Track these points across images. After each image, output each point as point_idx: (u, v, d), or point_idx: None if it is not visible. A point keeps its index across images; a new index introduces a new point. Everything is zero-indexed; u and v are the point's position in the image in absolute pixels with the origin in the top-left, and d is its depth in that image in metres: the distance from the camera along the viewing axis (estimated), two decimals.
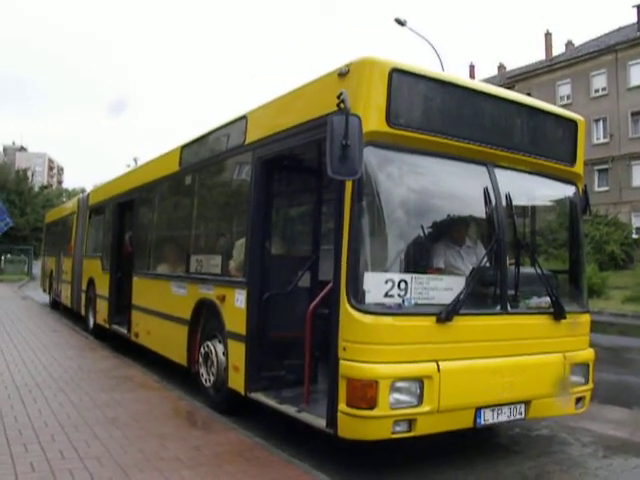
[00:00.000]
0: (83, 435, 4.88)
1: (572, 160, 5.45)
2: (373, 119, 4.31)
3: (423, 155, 4.60)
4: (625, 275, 26.11)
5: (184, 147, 7.82)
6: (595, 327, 5.70)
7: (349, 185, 4.29)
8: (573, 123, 5.53)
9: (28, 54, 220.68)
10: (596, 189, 37.35)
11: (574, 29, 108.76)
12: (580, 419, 6.14)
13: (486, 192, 4.81)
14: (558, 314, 5.04)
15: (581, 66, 41.42)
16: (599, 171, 39.28)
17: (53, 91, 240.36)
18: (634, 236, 34.36)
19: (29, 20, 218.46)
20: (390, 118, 4.35)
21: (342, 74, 4.48)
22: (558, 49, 47.25)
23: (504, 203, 4.84)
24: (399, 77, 4.40)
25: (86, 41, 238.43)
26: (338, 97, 4.15)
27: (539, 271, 4.94)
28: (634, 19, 40.89)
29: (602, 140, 39.70)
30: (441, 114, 4.70)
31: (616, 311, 20.20)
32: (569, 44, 46.43)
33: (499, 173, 4.90)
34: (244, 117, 6.13)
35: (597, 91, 40.51)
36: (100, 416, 5.50)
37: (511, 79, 43.59)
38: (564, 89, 42.17)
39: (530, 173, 5.19)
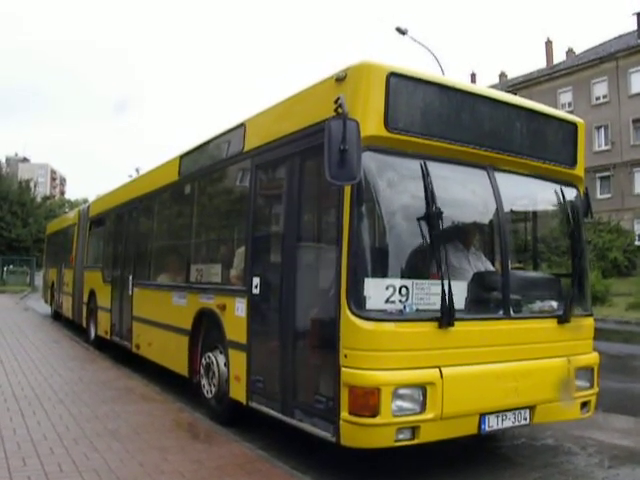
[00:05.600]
0: (82, 448, 4.82)
1: (573, 162, 5.41)
2: (371, 124, 4.27)
3: (422, 159, 4.55)
4: (628, 282, 25.95)
5: (183, 156, 7.81)
6: (599, 334, 5.63)
7: (348, 190, 4.25)
8: (573, 125, 5.49)
9: (32, 65, 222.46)
10: (598, 196, 37.25)
11: (575, 37, 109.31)
12: (586, 428, 6.07)
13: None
14: (562, 318, 4.99)
15: (582, 74, 41.47)
16: (601, 178, 39.20)
17: (57, 102, 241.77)
18: (637, 243, 34.20)
19: (34, 29, 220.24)
20: (388, 123, 4.32)
21: (340, 79, 4.45)
22: (559, 57, 47.46)
23: (505, 207, 4.80)
24: (397, 81, 4.37)
25: (92, 52, 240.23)
26: (335, 102, 4.14)
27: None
28: (634, 27, 40.98)
29: (604, 147, 39.67)
30: (440, 118, 4.66)
31: (620, 318, 20.05)
32: (570, 52, 46.50)
33: (499, 177, 4.86)
34: (242, 125, 6.12)
35: (598, 99, 40.53)
36: (100, 428, 5.43)
37: (512, 87, 43.57)
38: (565, 97, 42.20)
39: (531, 176, 5.15)
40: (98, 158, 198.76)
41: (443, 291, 4.29)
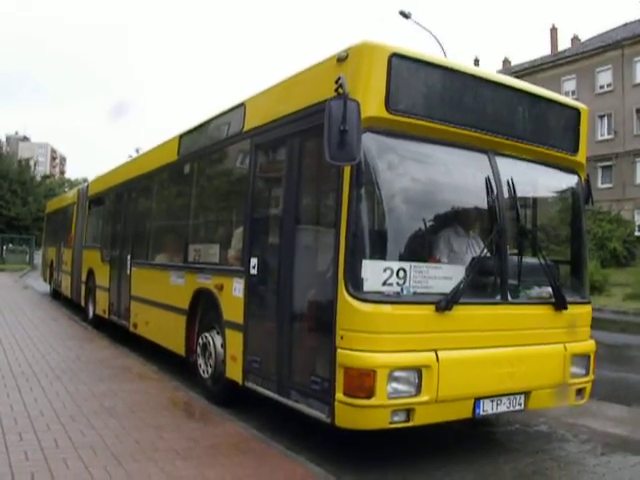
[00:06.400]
0: (79, 425, 4.86)
1: (574, 149, 5.38)
2: (372, 105, 4.23)
3: (423, 142, 4.54)
4: (627, 272, 25.92)
5: (182, 136, 7.78)
6: (596, 324, 5.63)
7: (347, 171, 4.23)
8: (576, 111, 5.45)
9: (35, 49, 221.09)
10: (599, 186, 37.09)
11: (580, 24, 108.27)
12: (579, 416, 6.09)
13: (487, 180, 4.73)
14: (559, 304, 4.99)
15: (587, 62, 41.14)
16: (603, 168, 39.01)
17: (58, 84, 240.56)
18: (637, 233, 34.14)
19: (33, 11, 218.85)
20: (389, 104, 4.28)
21: (341, 59, 4.41)
22: (564, 44, 46.98)
23: (505, 192, 4.78)
24: (399, 62, 4.32)
25: (93, 36, 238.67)
26: (336, 82, 4.11)
27: (540, 261, 4.88)
28: None
29: (606, 137, 39.43)
30: (441, 100, 4.62)
31: (617, 308, 20.12)
32: (575, 39, 46.12)
33: (500, 161, 4.84)
34: (242, 104, 6.08)
35: (602, 87, 40.24)
36: (97, 406, 5.47)
37: (516, 74, 43.23)
38: (569, 84, 41.90)
39: (532, 162, 5.12)
40: (99, 139, 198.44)
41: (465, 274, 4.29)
